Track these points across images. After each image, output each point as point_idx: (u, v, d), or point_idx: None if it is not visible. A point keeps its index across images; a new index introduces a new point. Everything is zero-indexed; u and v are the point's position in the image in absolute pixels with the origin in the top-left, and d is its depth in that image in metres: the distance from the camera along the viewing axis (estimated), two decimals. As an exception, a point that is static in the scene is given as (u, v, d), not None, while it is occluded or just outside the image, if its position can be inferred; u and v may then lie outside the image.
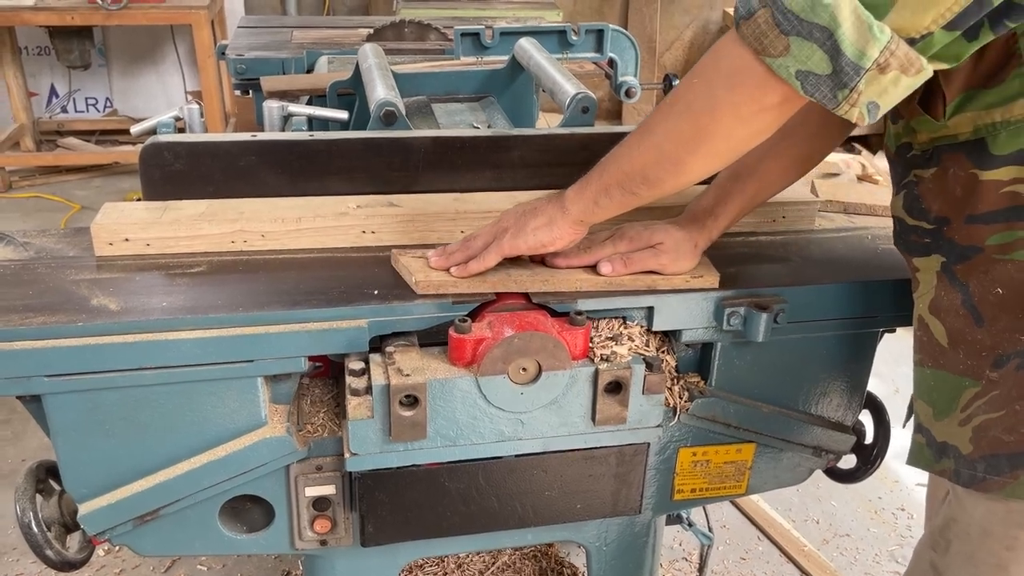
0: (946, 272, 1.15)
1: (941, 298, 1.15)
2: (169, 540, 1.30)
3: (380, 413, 1.18)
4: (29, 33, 5.32)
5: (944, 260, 1.15)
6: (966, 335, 1.13)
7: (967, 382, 1.13)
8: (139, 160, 1.44)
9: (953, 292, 1.14)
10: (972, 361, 1.13)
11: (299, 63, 2.69)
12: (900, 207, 1.23)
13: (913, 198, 1.19)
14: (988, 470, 1.12)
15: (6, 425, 2.92)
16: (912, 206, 1.19)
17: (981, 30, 0.94)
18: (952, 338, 1.15)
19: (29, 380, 1.12)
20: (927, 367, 1.19)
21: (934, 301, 1.17)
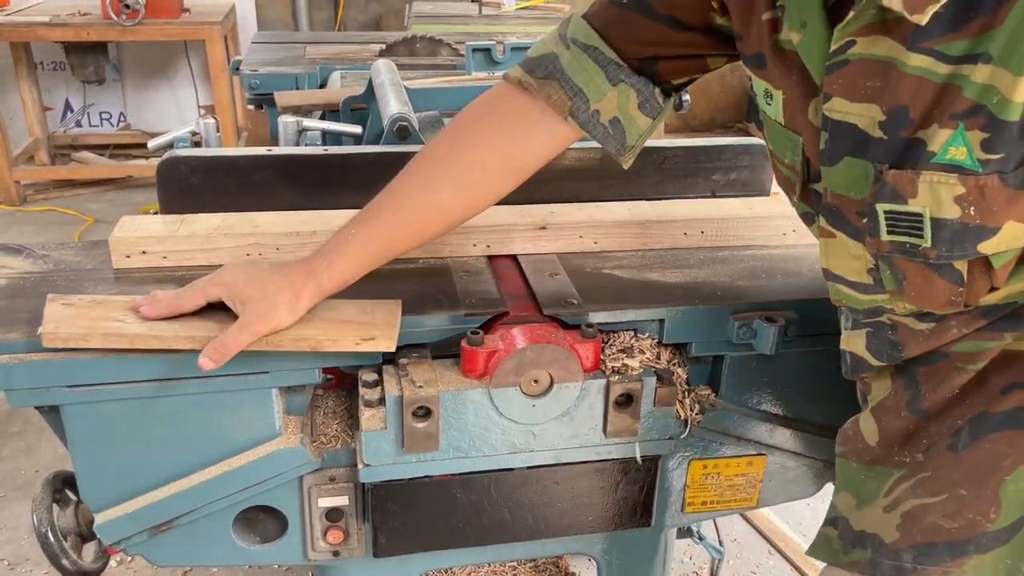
0: (902, 374, 1.06)
1: (889, 398, 1.07)
2: (183, 550, 1.31)
3: (393, 424, 1.19)
4: (44, 48, 5.38)
5: (900, 364, 1.07)
6: (901, 433, 1.05)
7: (895, 471, 1.05)
8: (156, 174, 1.46)
9: (904, 392, 1.05)
10: (901, 457, 1.05)
11: (312, 78, 2.72)
12: (861, 347, 1.09)
13: (885, 342, 1.06)
14: (919, 559, 0.99)
15: (20, 437, 2.94)
16: (881, 350, 1.07)
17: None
18: (883, 437, 1.07)
19: (49, 391, 1.14)
20: (852, 462, 1.11)
21: (882, 402, 1.08)
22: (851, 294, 1.06)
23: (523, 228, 1.47)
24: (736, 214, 1.55)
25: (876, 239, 0.94)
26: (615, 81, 1.15)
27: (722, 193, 1.66)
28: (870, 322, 1.07)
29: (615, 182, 1.60)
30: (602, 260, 1.46)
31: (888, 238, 0.93)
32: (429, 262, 1.42)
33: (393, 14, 5.91)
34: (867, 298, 1.04)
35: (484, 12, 4.40)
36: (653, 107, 1.18)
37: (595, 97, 1.16)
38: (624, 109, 1.17)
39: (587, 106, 1.16)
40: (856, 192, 0.95)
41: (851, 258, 1.02)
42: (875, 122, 0.90)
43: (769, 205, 1.62)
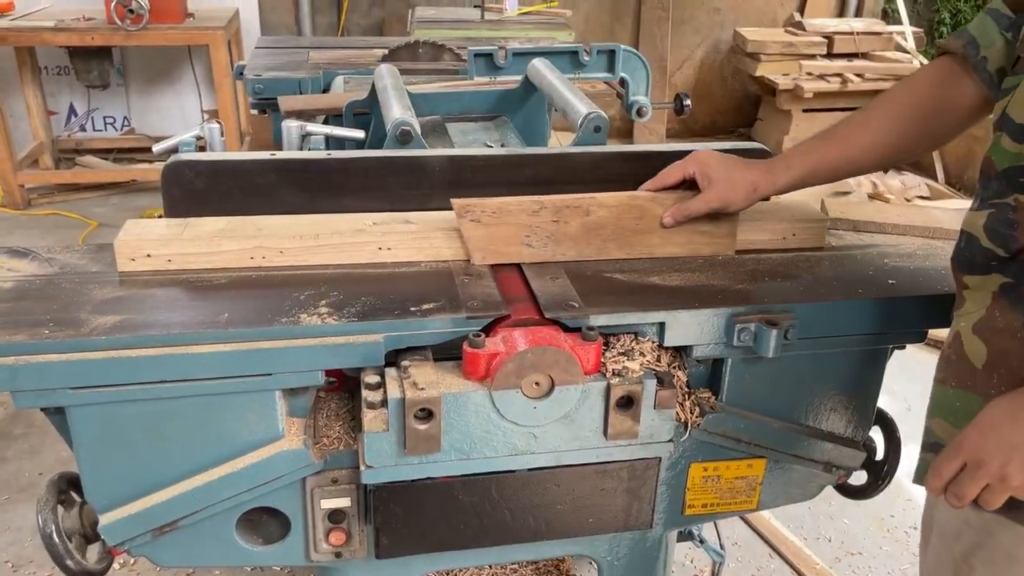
0: (1008, 294, 1.10)
1: (994, 319, 1.11)
2: (186, 551, 1.32)
3: (395, 426, 1.20)
4: (49, 53, 5.40)
5: (1009, 281, 1.11)
6: (1011, 359, 1.09)
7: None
8: (161, 178, 1.47)
9: (1013, 314, 1.09)
10: (1006, 386, 1.09)
11: (315, 83, 2.73)
12: (978, 225, 1.15)
13: (1002, 222, 1.12)
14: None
15: (24, 439, 2.96)
16: (995, 229, 1.12)
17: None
18: (991, 360, 1.11)
19: (54, 392, 1.15)
20: (950, 387, 1.16)
21: (983, 321, 1.12)
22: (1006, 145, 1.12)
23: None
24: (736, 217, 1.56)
25: None
26: (1005, 30, 1.26)
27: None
28: (996, 202, 1.13)
29: (616, 184, 1.61)
30: (603, 263, 1.47)
31: None
32: (431, 265, 1.43)
33: (396, 19, 5.93)
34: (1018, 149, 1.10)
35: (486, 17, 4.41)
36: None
37: (985, 44, 1.28)
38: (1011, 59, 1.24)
39: (977, 51, 1.29)
40: None
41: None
42: None
43: (769, 209, 1.63)
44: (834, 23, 6.21)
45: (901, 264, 1.50)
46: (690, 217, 1.45)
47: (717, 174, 1.41)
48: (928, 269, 1.49)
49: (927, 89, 1.36)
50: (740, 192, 1.41)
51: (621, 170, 1.60)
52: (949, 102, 1.35)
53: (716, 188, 1.41)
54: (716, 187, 1.41)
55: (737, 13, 6.44)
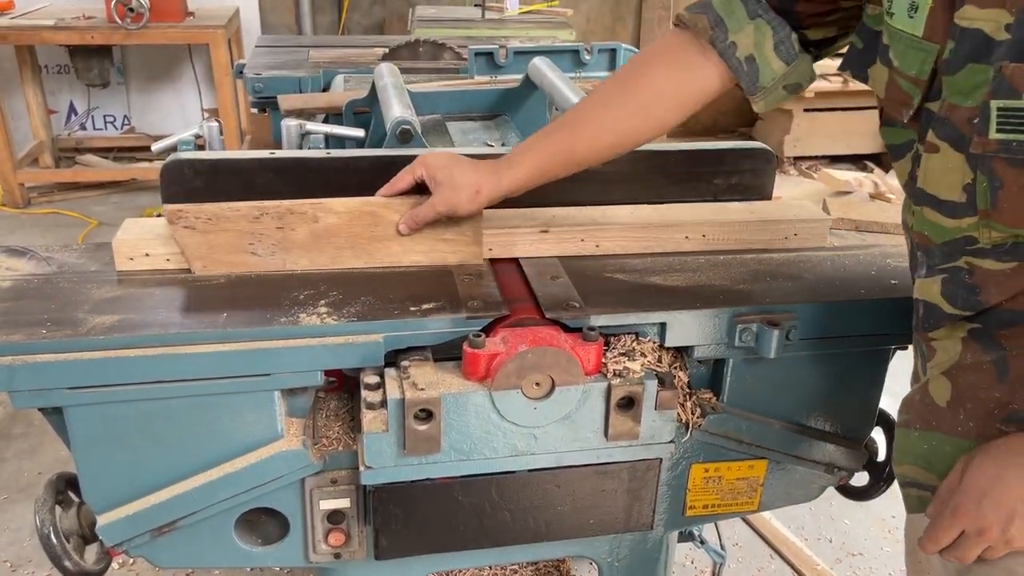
0: (979, 338, 1.07)
1: (964, 360, 1.08)
2: (185, 552, 1.31)
3: (395, 427, 1.19)
4: (49, 52, 5.40)
5: (976, 327, 1.07)
6: (978, 390, 1.06)
7: (971, 444, 1.06)
8: (160, 176, 1.47)
9: (984, 354, 1.06)
10: (974, 422, 1.06)
11: (315, 82, 2.73)
12: (935, 292, 1.10)
13: (961, 286, 1.07)
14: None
15: (23, 439, 2.95)
16: (955, 295, 1.07)
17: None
18: (957, 395, 1.08)
19: (51, 392, 1.14)
20: (915, 429, 1.13)
21: (954, 365, 1.09)
22: (937, 220, 1.06)
23: (525, 231, 1.47)
24: (738, 218, 1.56)
25: (984, 138, 0.96)
26: (753, 15, 1.25)
27: (724, 197, 1.67)
28: (946, 267, 1.08)
29: (617, 185, 1.61)
30: (604, 263, 1.46)
31: (996, 136, 0.95)
32: (431, 265, 1.42)
33: (396, 18, 5.93)
34: (954, 223, 1.04)
35: (487, 16, 4.41)
36: (788, 52, 1.26)
37: (733, 28, 1.26)
38: (760, 47, 1.26)
39: (726, 36, 1.27)
40: (972, 100, 0.98)
41: (949, 172, 1.02)
42: (1001, 26, 0.93)
43: (771, 209, 1.62)
44: (835, 22, 6.20)
45: (903, 264, 1.50)
46: (422, 223, 1.37)
47: (442, 177, 1.33)
48: (930, 269, 1.48)
49: (662, 75, 1.32)
50: (463, 195, 1.33)
51: (621, 168, 1.59)
52: (685, 85, 1.31)
53: (441, 192, 1.33)
54: (441, 191, 1.33)
55: (738, 12, 6.42)
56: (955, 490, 1.05)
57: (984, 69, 0.95)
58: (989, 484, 1.01)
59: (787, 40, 1.25)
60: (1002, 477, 1.00)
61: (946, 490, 1.07)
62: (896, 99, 1.10)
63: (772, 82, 1.28)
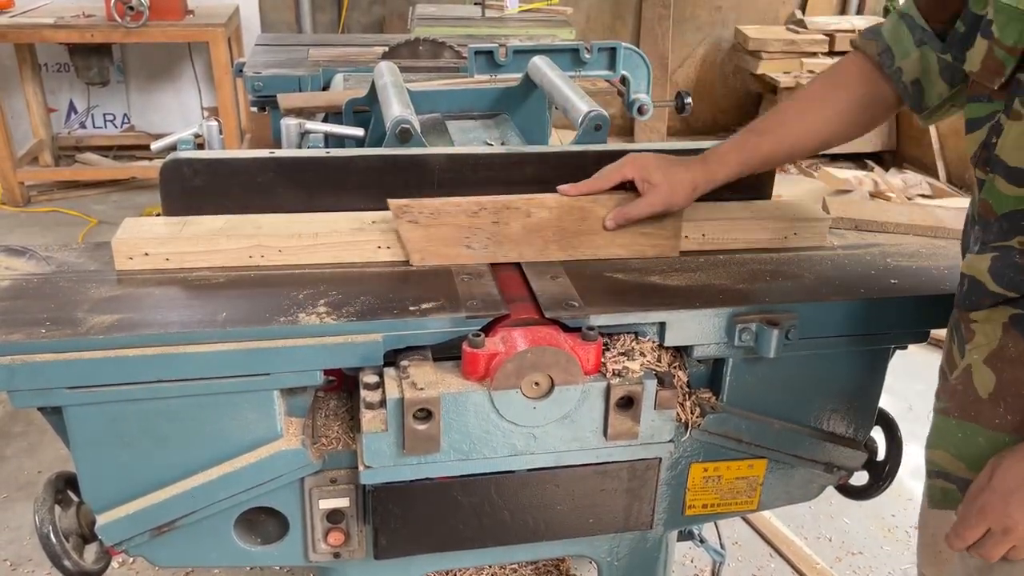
0: (1019, 325, 1.09)
1: (1006, 349, 1.10)
2: (184, 551, 1.31)
3: (394, 426, 1.19)
4: (49, 50, 5.39)
5: (1018, 312, 1.10)
6: (1020, 386, 1.09)
7: (1007, 439, 1.09)
8: (159, 175, 1.47)
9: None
10: (1013, 416, 1.09)
11: (315, 81, 2.73)
12: (982, 269, 1.13)
13: (1009, 266, 1.10)
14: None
15: (22, 437, 2.95)
16: (1002, 273, 1.11)
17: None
18: (999, 389, 1.10)
19: (50, 392, 1.14)
20: (953, 417, 1.16)
21: (995, 352, 1.11)
22: (1004, 189, 1.10)
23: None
24: (737, 217, 1.55)
25: None
26: (919, 43, 1.30)
27: (724, 196, 1.66)
28: (999, 245, 1.12)
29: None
30: (603, 263, 1.46)
31: None
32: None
33: (396, 16, 5.92)
34: (1018, 193, 1.08)
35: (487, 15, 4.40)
36: (953, 76, 1.29)
37: (901, 55, 1.32)
38: (926, 72, 1.31)
39: (892, 62, 1.33)
40: None
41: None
42: None
43: (770, 208, 1.62)
44: (836, 21, 6.20)
45: (903, 264, 1.50)
46: (632, 220, 1.44)
47: (657, 177, 1.40)
48: (930, 269, 1.48)
49: (854, 84, 1.39)
50: (681, 193, 1.41)
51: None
52: (871, 98, 1.39)
53: (658, 191, 1.40)
54: (658, 190, 1.40)
55: (738, 11, 6.42)
56: (984, 489, 1.07)
57: None
58: (1017, 484, 1.04)
59: (951, 65, 1.28)
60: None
61: (976, 488, 1.09)
62: (990, 69, 1.13)
63: (938, 101, 1.33)
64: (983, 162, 1.14)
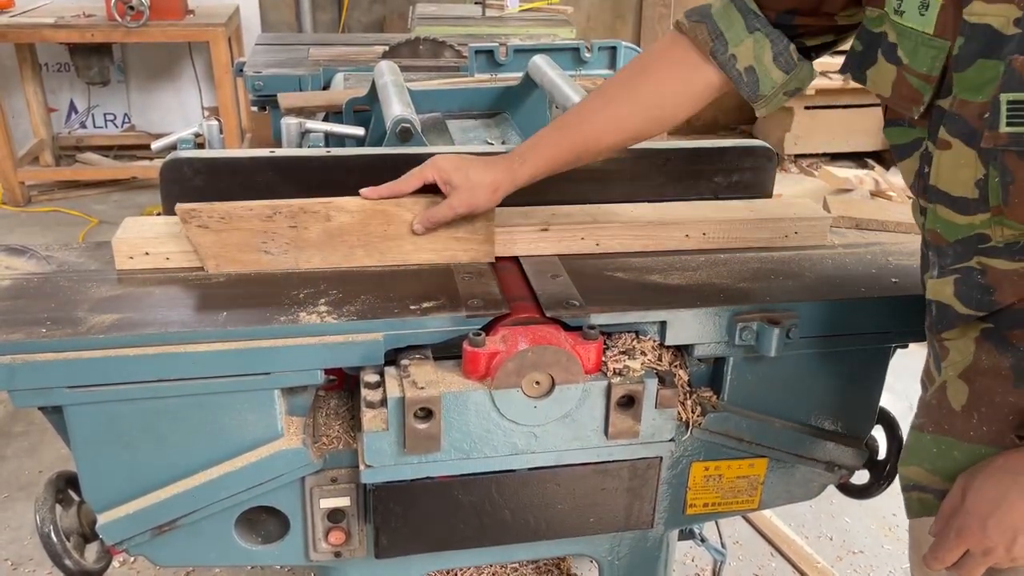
0: (991, 337, 1.08)
1: (980, 362, 1.09)
2: (185, 550, 1.31)
3: (395, 426, 1.19)
4: (49, 50, 5.39)
5: (988, 327, 1.08)
6: (994, 395, 1.07)
7: (983, 450, 1.08)
8: (159, 175, 1.47)
9: (1000, 356, 1.07)
10: (988, 427, 1.08)
11: (315, 80, 2.73)
12: (948, 294, 1.10)
13: (974, 287, 1.07)
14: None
15: (23, 437, 2.95)
16: (968, 296, 1.08)
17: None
18: (972, 400, 1.09)
19: (51, 391, 1.14)
20: (927, 432, 1.14)
21: (970, 367, 1.10)
22: (950, 218, 1.07)
23: (525, 229, 1.47)
24: (738, 216, 1.56)
25: (995, 132, 0.97)
26: (752, 30, 1.28)
27: (724, 195, 1.67)
28: (958, 267, 1.08)
29: (617, 184, 1.60)
30: (604, 262, 1.46)
31: (1007, 129, 0.96)
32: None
33: (397, 16, 5.92)
34: (967, 220, 1.05)
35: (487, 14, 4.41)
36: (787, 62, 1.29)
37: (733, 41, 1.29)
38: (759, 59, 1.29)
39: (725, 49, 1.30)
40: (983, 95, 0.98)
41: (961, 168, 1.03)
42: (1010, 21, 0.94)
43: (771, 207, 1.62)
44: (836, 20, 6.19)
45: (904, 262, 1.50)
46: (438, 224, 1.39)
47: (457, 179, 1.35)
48: (931, 267, 1.48)
49: (665, 77, 1.36)
50: (482, 194, 1.36)
51: (621, 166, 1.59)
52: (687, 88, 1.35)
53: (459, 193, 1.35)
54: (459, 192, 1.35)
55: (739, 10, 6.42)
56: (957, 509, 1.06)
57: (995, 64, 0.96)
58: (993, 505, 1.02)
59: (785, 52, 1.28)
60: (1005, 497, 1.02)
61: (948, 509, 1.08)
62: (906, 97, 1.10)
63: (772, 90, 1.31)
64: (922, 191, 1.12)
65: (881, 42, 1.12)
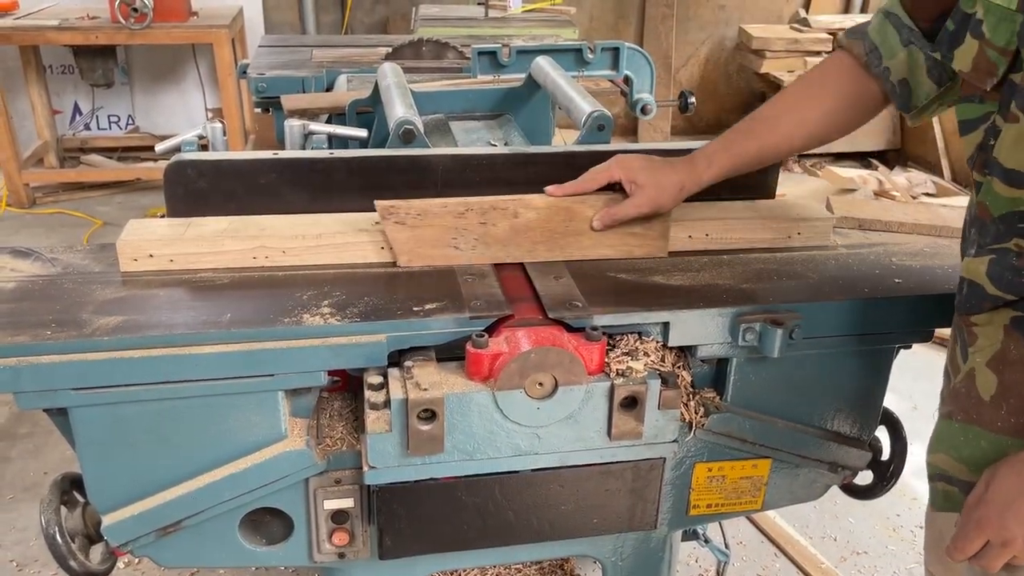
0: (1020, 327, 1.09)
1: (1008, 352, 1.10)
2: (190, 552, 1.32)
3: (398, 427, 1.20)
4: (53, 52, 5.41)
5: (1019, 315, 1.09)
6: (1022, 389, 1.09)
7: (1008, 441, 1.09)
8: (163, 177, 1.47)
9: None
10: (1016, 418, 1.09)
11: (319, 82, 2.73)
12: (981, 272, 1.13)
13: (1007, 268, 1.10)
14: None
15: (28, 439, 2.96)
16: (1000, 276, 1.10)
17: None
18: (1000, 391, 1.10)
19: (56, 393, 1.14)
20: (956, 421, 1.16)
21: (998, 355, 1.11)
22: (1000, 190, 1.09)
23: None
24: (740, 216, 1.55)
25: None
26: (906, 43, 1.29)
27: (727, 196, 1.66)
28: (996, 248, 1.11)
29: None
30: (606, 263, 1.46)
31: None
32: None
33: (400, 17, 5.93)
34: (1015, 195, 1.08)
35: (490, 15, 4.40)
36: (940, 75, 1.28)
37: (888, 55, 1.32)
38: (912, 71, 1.30)
39: (880, 62, 1.33)
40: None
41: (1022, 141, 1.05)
42: None
43: (774, 208, 1.62)
44: (839, 20, 6.19)
45: (907, 263, 1.50)
46: (620, 221, 1.43)
47: (644, 178, 1.40)
48: (935, 268, 1.48)
49: (838, 84, 1.39)
50: (668, 194, 1.41)
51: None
52: (858, 97, 1.38)
53: (645, 192, 1.40)
54: (645, 191, 1.40)
55: (742, 10, 6.42)
56: (981, 501, 1.07)
57: None
58: (1012, 497, 1.04)
59: (938, 64, 1.28)
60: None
61: (973, 500, 1.09)
62: (982, 70, 1.12)
63: (926, 100, 1.32)
64: (981, 164, 1.14)
65: (970, 21, 1.14)
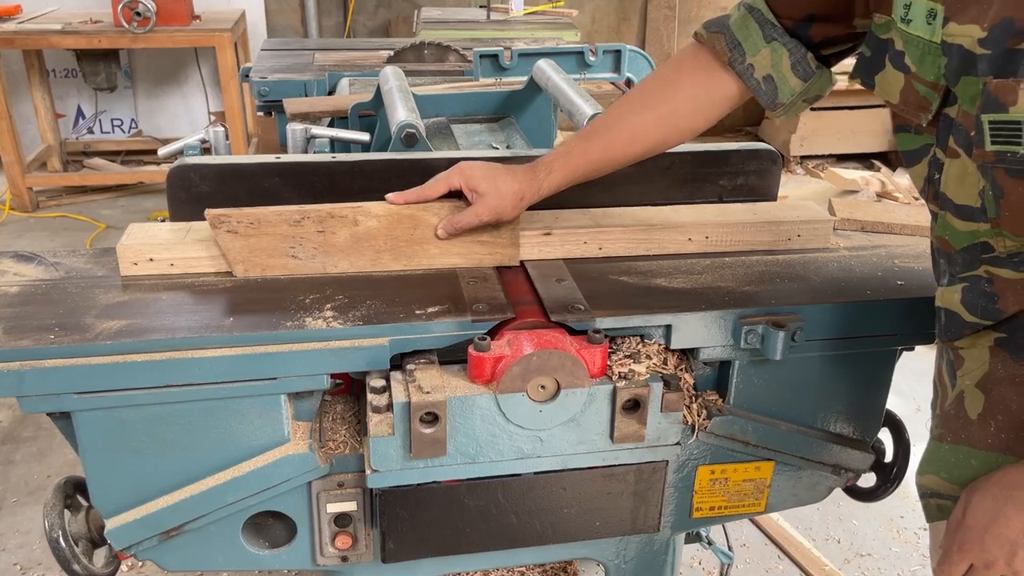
0: (1005, 346, 1.08)
1: (996, 371, 1.09)
2: (193, 555, 1.32)
3: (401, 430, 1.20)
4: (57, 56, 5.42)
5: (1002, 336, 1.09)
6: (1009, 402, 1.07)
7: (998, 458, 1.08)
8: (166, 181, 1.47)
9: (1014, 364, 1.07)
10: (1005, 434, 1.08)
11: (321, 85, 2.74)
12: (955, 301, 1.12)
13: (980, 295, 1.09)
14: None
15: (32, 442, 2.96)
16: (974, 303, 1.09)
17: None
18: (988, 408, 1.09)
19: (59, 397, 1.15)
20: (946, 443, 1.14)
21: (986, 376, 1.10)
22: (956, 225, 1.09)
23: (529, 233, 1.47)
24: (741, 219, 1.55)
25: (981, 150, 0.98)
26: (769, 39, 1.29)
27: (729, 198, 1.67)
28: (966, 276, 1.10)
29: (620, 187, 1.60)
30: (608, 265, 1.46)
31: (992, 148, 0.97)
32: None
33: (402, 20, 5.94)
34: (971, 228, 1.07)
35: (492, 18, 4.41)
36: (805, 69, 1.30)
37: (750, 51, 1.31)
38: (777, 67, 1.30)
39: (743, 58, 1.31)
40: (975, 109, 0.99)
41: (966, 177, 1.04)
42: (975, 41, 0.95)
43: (774, 210, 1.62)
44: (841, 21, 6.18)
45: (910, 265, 1.49)
46: (463, 230, 1.39)
47: (484, 186, 1.36)
48: (937, 270, 1.48)
49: (692, 82, 1.37)
50: (508, 203, 1.36)
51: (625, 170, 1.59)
52: (707, 97, 1.36)
53: (486, 201, 1.36)
54: (485, 200, 1.35)
55: (744, 12, 6.41)
56: (960, 526, 1.07)
57: (975, 81, 0.97)
58: (990, 519, 1.03)
59: (803, 60, 1.29)
60: (1002, 512, 1.02)
61: (954, 523, 1.09)
62: (913, 104, 1.11)
63: (791, 98, 1.32)
64: (932, 197, 1.13)
65: (888, 49, 1.12)
